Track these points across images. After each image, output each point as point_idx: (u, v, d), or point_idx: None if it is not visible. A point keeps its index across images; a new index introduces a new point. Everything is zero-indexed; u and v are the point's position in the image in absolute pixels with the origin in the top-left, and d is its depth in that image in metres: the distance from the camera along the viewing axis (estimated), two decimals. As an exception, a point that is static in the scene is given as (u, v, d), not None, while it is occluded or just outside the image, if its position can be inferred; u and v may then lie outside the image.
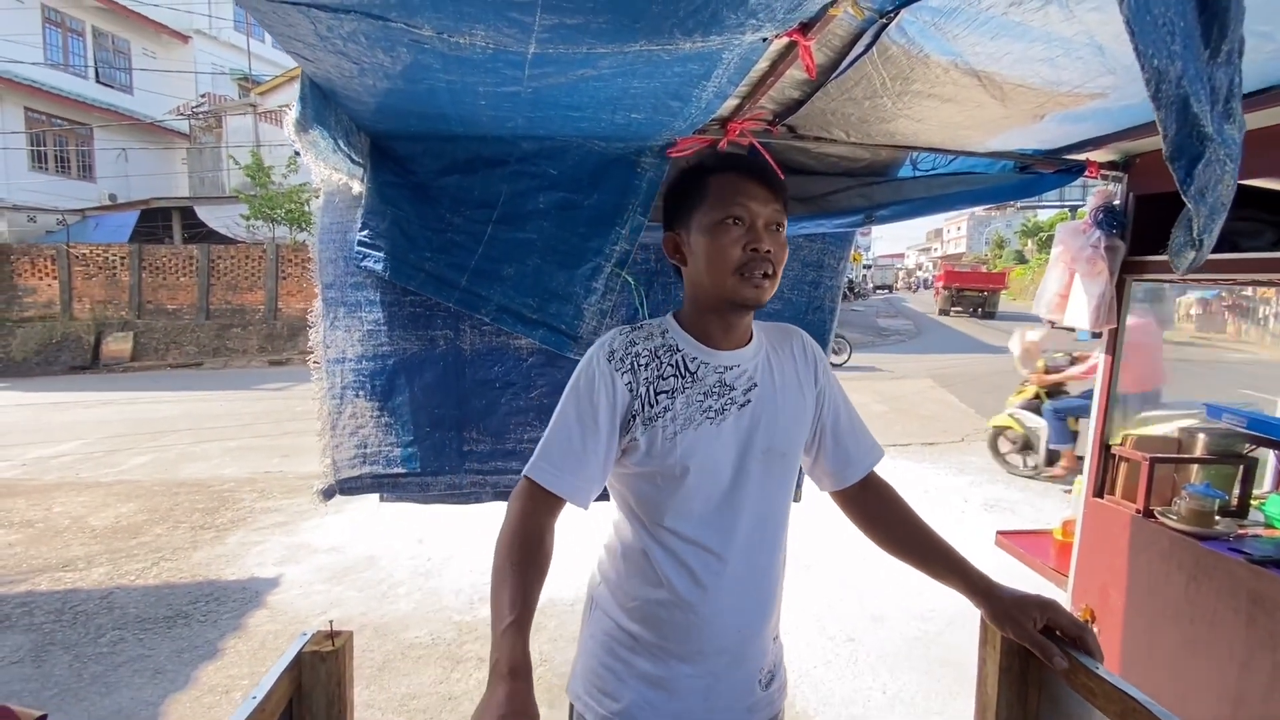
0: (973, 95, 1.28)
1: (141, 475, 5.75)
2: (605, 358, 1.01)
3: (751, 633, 1.04)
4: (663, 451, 0.98)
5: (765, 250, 0.96)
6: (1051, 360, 5.80)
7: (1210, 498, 1.78)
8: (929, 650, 2.98)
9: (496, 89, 1.25)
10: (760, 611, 1.05)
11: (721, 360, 1.03)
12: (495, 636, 0.81)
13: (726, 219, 0.97)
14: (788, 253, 1.03)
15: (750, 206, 0.97)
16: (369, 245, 1.78)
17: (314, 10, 0.94)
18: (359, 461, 1.93)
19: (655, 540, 1.01)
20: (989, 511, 4.78)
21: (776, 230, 1.00)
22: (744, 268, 0.96)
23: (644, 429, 0.98)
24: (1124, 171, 1.98)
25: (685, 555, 1.00)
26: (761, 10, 0.94)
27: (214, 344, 14.40)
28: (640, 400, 0.99)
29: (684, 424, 0.98)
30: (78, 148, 17.51)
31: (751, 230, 0.97)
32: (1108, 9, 0.91)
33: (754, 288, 0.97)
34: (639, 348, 1.02)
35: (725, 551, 1.01)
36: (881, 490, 1.17)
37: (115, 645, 2.99)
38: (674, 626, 1.01)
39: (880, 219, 1.95)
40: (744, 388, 1.03)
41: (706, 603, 1.00)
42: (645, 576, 1.02)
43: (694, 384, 1.01)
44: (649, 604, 1.02)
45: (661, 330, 1.06)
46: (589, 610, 1.13)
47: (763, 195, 0.98)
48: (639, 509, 1.03)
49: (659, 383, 1.00)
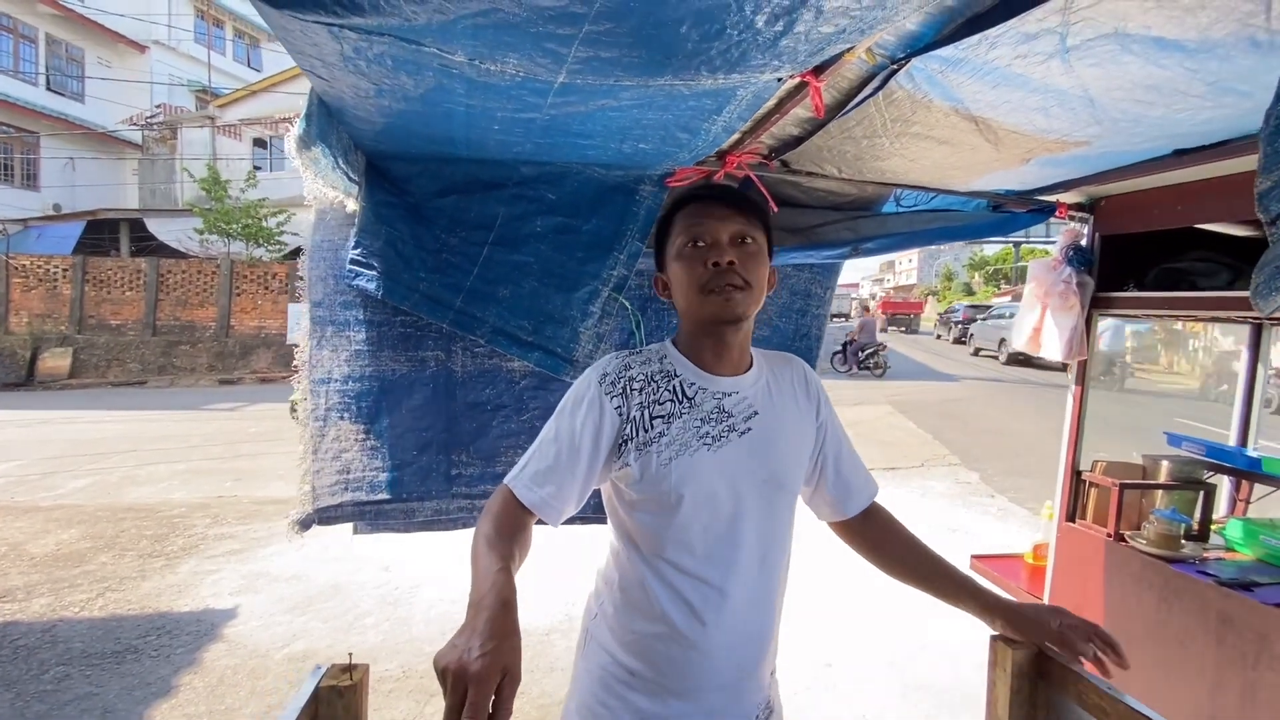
0: (968, 139, 1.35)
1: (82, 499, 5.42)
2: (597, 380, 1.01)
3: (750, 669, 1.02)
4: (656, 478, 0.96)
5: (727, 261, 0.97)
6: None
7: (1177, 522, 1.87)
8: (904, 674, 3.01)
9: (514, 115, 1.26)
10: (759, 647, 1.02)
11: (720, 386, 1.02)
12: (481, 580, 0.78)
13: (689, 243, 1.00)
14: (767, 266, 1.03)
15: (709, 226, 0.99)
16: (362, 264, 1.75)
17: (346, 31, 0.94)
18: (340, 489, 1.86)
19: (654, 572, 0.99)
20: (952, 535, 4.90)
21: (744, 243, 1.00)
22: (709, 283, 0.97)
23: (637, 454, 0.97)
24: (1090, 213, 2.11)
25: (684, 589, 0.98)
26: (787, 53, 0.98)
27: (160, 361, 13.78)
28: (632, 425, 0.98)
29: (679, 450, 0.97)
30: (22, 155, 16.76)
31: (714, 247, 0.98)
32: (1105, 65, 0.99)
33: (723, 301, 0.97)
34: (634, 372, 1.02)
35: (726, 585, 0.98)
36: (884, 518, 1.17)
37: (60, 682, 2.79)
38: (671, 662, 0.98)
39: (865, 251, 2.03)
40: (744, 415, 1.02)
41: (706, 638, 0.97)
42: (643, 610, 1.00)
43: (691, 410, 0.99)
44: (646, 638, 1.00)
45: (660, 355, 1.06)
46: (584, 643, 1.10)
47: (721, 212, 1.00)
48: (638, 539, 1.01)
49: (654, 407, 0.99)
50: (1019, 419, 9.64)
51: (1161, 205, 1.82)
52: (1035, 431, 8.57)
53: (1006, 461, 7.11)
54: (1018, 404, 11.08)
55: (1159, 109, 1.12)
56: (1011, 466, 6.88)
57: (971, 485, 6.30)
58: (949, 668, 3.00)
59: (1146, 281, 2.01)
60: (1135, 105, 1.10)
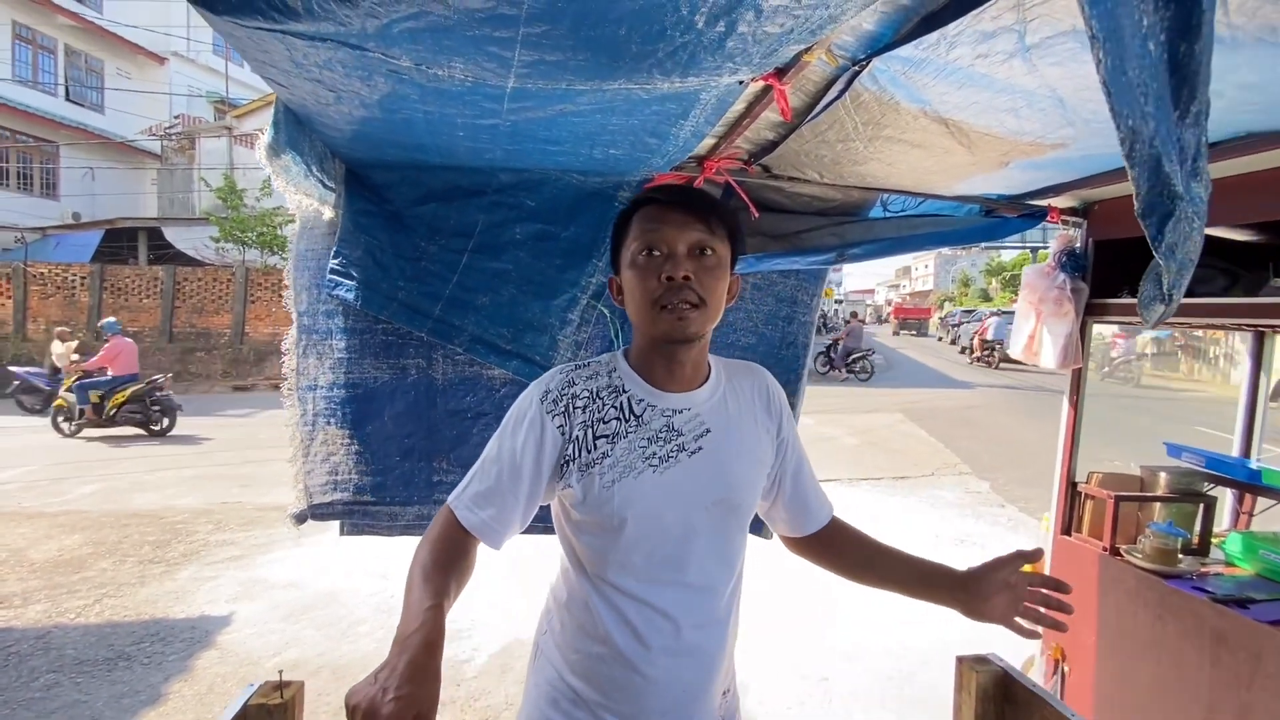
0: (941, 142, 1.32)
1: (89, 505, 5.48)
2: (539, 398, 0.96)
3: (697, 692, 0.98)
4: (599, 500, 0.92)
5: (682, 276, 0.90)
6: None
7: (1174, 536, 1.81)
8: (902, 689, 2.95)
9: (475, 121, 1.25)
10: (707, 671, 0.98)
11: (670, 403, 0.97)
12: (410, 617, 0.76)
13: (643, 250, 0.92)
14: (727, 279, 0.96)
15: (666, 234, 0.91)
16: (341, 274, 1.75)
17: (289, 37, 0.93)
18: (330, 488, 1.90)
19: (598, 593, 0.96)
20: (960, 546, 4.81)
21: (703, 254, 0.92)
22: (661, 298, 0.90)
23: (579, 475, 0.93)
24: (1083, 217, 2.06)
25: (628, 611, 0.94)
26: (738, 55, 0.96)
27: (175, 368, 13.94)
28: (575, 444, 0.93)
29: (623, 471, 0.92)
30: (42, 165, 17.12)
31: (670, 259, 0.91)
32: (1067, 64, 0.95)
33: (676, 319, 0.90)
34: (579, 388, 0.97)
35: (670, 609, 0.94)
36: (841, 527, 1.13)
37: (49, 690, 2.80)
38: (615, 684, 0.95)
39: (852, 257, 1.99)
40: (695, 434, 0.96)
41: (649, 662, 0.94)
42: (587, 630, 0.97)
43: (638, 428, 0.94)
44: (590, 658, 0.97)
45: (610, 369, 1.00)
46: (534, 658, 1.08)
47: (679, 220, 0.91)
48: (583, 558, 0.98)
49: (599, 425, 0.94)
50: (1032, 427, 9.48)
51: (1154, 209, 1.77)
52: (1049, 440, 8.39)
53: (1018, 470, 6.98)
54: (1032, 411, 10.91)
55: (1133, 109, 1.08)
56: (1023, 476, 6.75)
57: (982, 495, 6.19)
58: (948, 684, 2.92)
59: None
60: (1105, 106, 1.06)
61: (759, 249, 1.96)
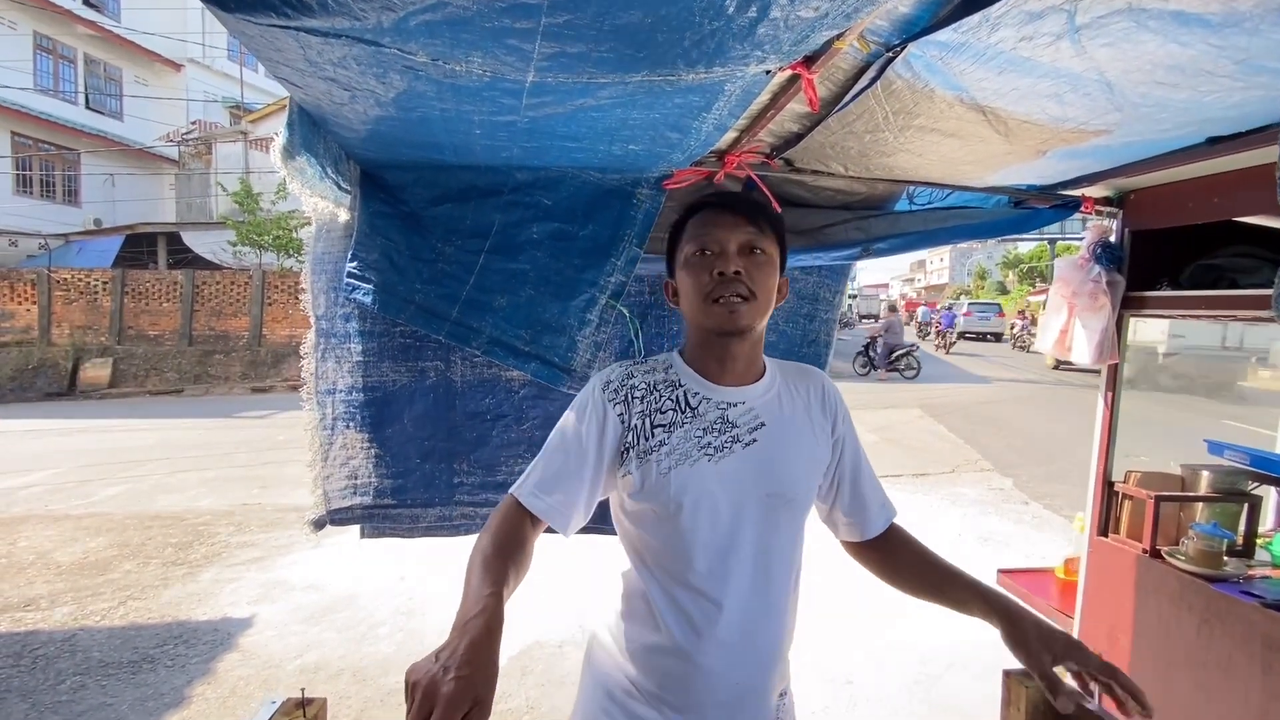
0: (976, 130, 1.26)
1: (113, 507, 5.55)
2: (600, 388, 1.01)
3: (751, 687, 0.99)
4: (656, 487, 0.96)
5: (733, 271, 0.96)
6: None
7: (1219, 537, 1.73)
8: (929, 694, 2.88)
9: (492, 118, 1.22)
10: (761, 665, 0.99)
11: (725, 396, 1.01)
12: (471, 601, 0.76)
13: (697, 251, 0.99)
14: (776, 276, 1.02)
15: (717, 235, 0.98)
16: (358, 277, 1.73)
17: (303, 34, 0.90)
18: (350, 492, 1.89)
19: (656, 584, 0.99)
20: (984, 545, 4.72)
21: (753, 253, 0.99)
22: (713, 292, 0.97)
23: (638, 462, 0.97)
24: (1118, 207, 1.98)
25: (683, 601, 0.97)
26: (768, 42, 0.91)
27: (195, 370, 14.15)
28: (634, 433, 0.98)
29: (679, 459, 0.96)
30: (64, 172, 17.41)
31: (721, 256, 0.98)
32: (1119, 45, 0.90)
33: (727, 311, 0.96)
34: (637, 380, 1.02)
35: (724, 599, 0.96)
36: (899, 538, 1.13)
37: (76, 693, 2.82)
38: (670, 675, 0.97)
39: (877, 252, 1.94)
40: (749, 426, 1.00)
41: (703, 652, 0.96)
42: (644, 621, 1.00)
43: (694, 419, 0.98)
44: (646, 649, 0.99)
45: (665, 365, 1.05)
46: (591, 650, 1.10)
47: (730, 221, 0.99)
48: (641, 550, 1.02)
49: (656, 415, 0.99)
50: (1055, 422, 9.32)
51: (1195, 198, 1.70)
52: (1072, 435, 8.26)
53: (1041, 467, 6.85)
54: (1053, 407, 10.72)
55: (1184, 92, 1.02)
56: (1047, 472, 6.63)
57: (1004, 492, 6.08)
58: (977, 688, 2.86)
59: (1181, 280, 1.88)
60: (1157, 88, 1.01)
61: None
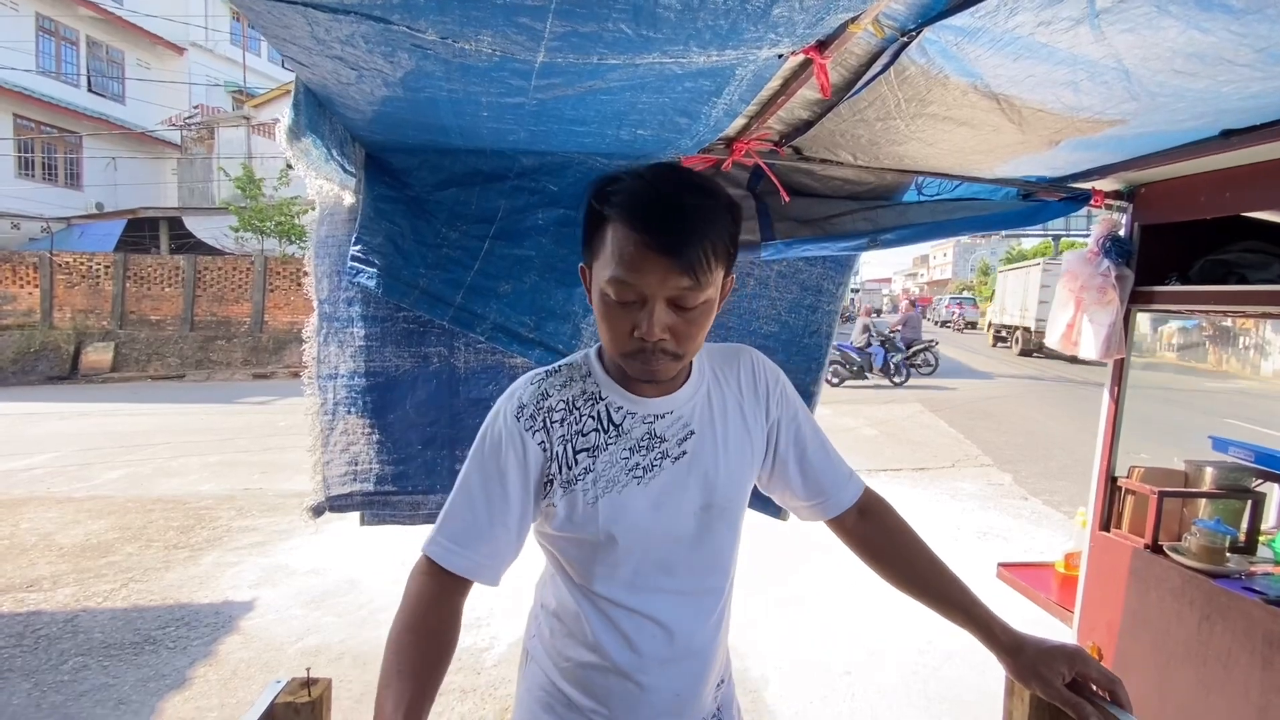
0: (989, 119, 1.25)
1: (115, 490, 5.57)
2: (514, 414, 0.89)
3: (691, 694, 0.96)
4: (584, 519, 0.88)
5: (656, 340, 0.80)
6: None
7: (1221, 534, 1.73)
8: (927, 685, 2.90)
9: (500, 99, 1.20)
10: (701, 672, 0.96)
11: (650, 408, 0.91)
12: None
13: (613, 293, 0.80)
14: (714, 311, 0.85)
15: (642, 284, 0.78)
16: (362, 260, 1.72)
17: (311, 10, 0.89)
18: (350, 479, 1.88)
19: (588, 601, 0.93)
20: (982, 539, 4.73)
21: (684, 310, 0.81)
22: (630, 349, 0.83)
23: (563, 493, 0.88)
24: (1128, 201, 1.97)
25: (619, 620, 0.91)
26: (782, 24, 0.90)
27: (197, 356, 14.16)
28: (556, 461, 0.88)
29: (606, 486, 0.87)
30: (66, 155, 17.36)
31: (644, 311, 0.80)
32: (1140, 31, 0.88)
33: (649, 370, 0.84)
34: (553, 399, 0.90)
35: (662, 617, 0.92)
36: (884, 519, 1.04)
37: (78, 673, 2.84)
38: (609, 692, 0.93)
39: (884, 243, 1.92)
40: (678, 438, 0.91)
41: (643, 670, 0.92)
42: (577, 638, 0.94)
43: (618, 439, 0.89)
44: (582, 666, 0.94)
45: (584, 373, 0.94)
46: (525, 663, 1.05)
47: (662, 269, 0.77)
48: (568, 569, 0.94)
49: (578, 440, 0.89)
50: (1055, 418, 9.31)
51: (1207, 192, 1.68)
52: (1072, 431, 8.26)
53: (1041, 463, 6.86)
54: (1054, 403, 10.72)
55: (1203, 81, 1.00)
56: (1046, 468, 6.63)
57: (1004, 487, 6.09)
58: (975, 679, 2.88)
59: (1190, 274, 1.86)
60: (1176, 77, 0.99)
61: (788, 234, 1.89)
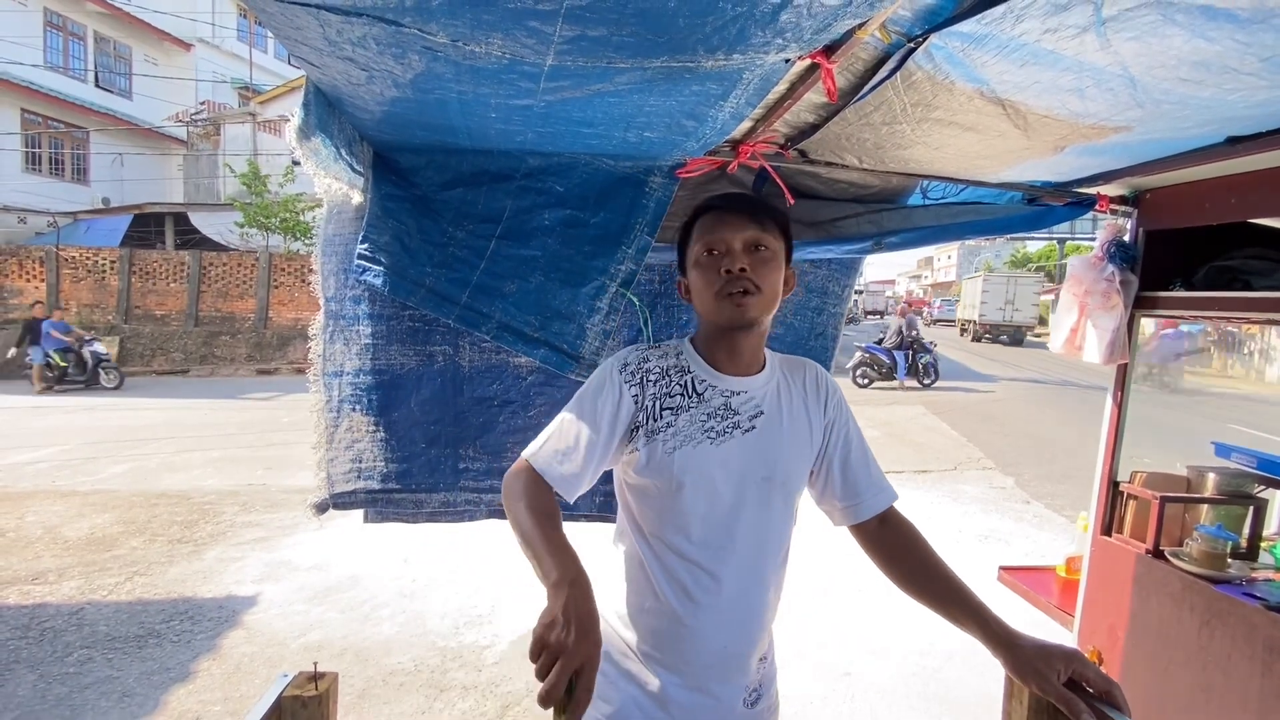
0: (995, 124, 1.26)
1: (120, 485, 5.60)
2: (618, 369, 1.09)
3: (736, 651, 1.07)
4: (661, 465, 1.03)
5: (739, 269, 1.02)
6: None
7: (1223, 540, 1.73)
8: (927, 686, 2.90)
9: (508, 101, 1.21)
10: (747, 632, 1.07)
11: (729, 385, 1.08)
12: (544, 557, 0.85)
13: (704, 251, 1.06)
14: (782, 270, 1.08)
15: (724, 235, 1.05)
16: (369, 259, 1.73)
17: (324, 12, 0.90)
18: (353, 476, 1.90)
19: (653, 552, 1.06)
20: (984, 543, 4.73)
21: (757, 250, 1.05)
22: (722, 289, 1.03)
23: (646, 441, 1.04)
24: (1133, 206, 1.97)
25: (679, 570, 1.05)
26: (790, 29, 0.91)
27: (201, 351, 14.21)
28: (645, 413, 1.05)
29: (683, 440, 1.03)
30: (73, 150, 17.43)
31: (727, 255, 1.04)
32: (1145, 39, 0.89)
33: (735, 306, 1.03)
34: (651, 365, 1.09)
35: (719, 570, 1.04)
36: (901, 529, 1.15)
37: (83, 665, 2.86)
38: (662, 636, 1.06)
39: (889, 246, 1.93)
40: (750, 414, 1.07)
41: (695, 616, 1.04)
42: (640, 586, 1.08)
43: (699, 404, 1.06)
44: (642, 613, 1.08)
45: (677, 351, 1.13)
46: None
47: (736, 221, 1.05)
48: (641, 520, 1.08)
49: (666, 399, 1.06)
50: (1058, 422, 9.30)
51: (1212, 198, 1.68)
52: (1075, 435, 8.25)
53: (1044, 466, 6.85)
54: (1057, 406, 10.70)
55: (1208, 89, 1.01)
56: (1049, 472, 6.63)
57: (1006, 490, 6.09)
58: (975, 681, 2.88)
59: (1195, 280, 1.87)
60: (1181, 85, 1.00)
61: (793, 237, 1.90)
